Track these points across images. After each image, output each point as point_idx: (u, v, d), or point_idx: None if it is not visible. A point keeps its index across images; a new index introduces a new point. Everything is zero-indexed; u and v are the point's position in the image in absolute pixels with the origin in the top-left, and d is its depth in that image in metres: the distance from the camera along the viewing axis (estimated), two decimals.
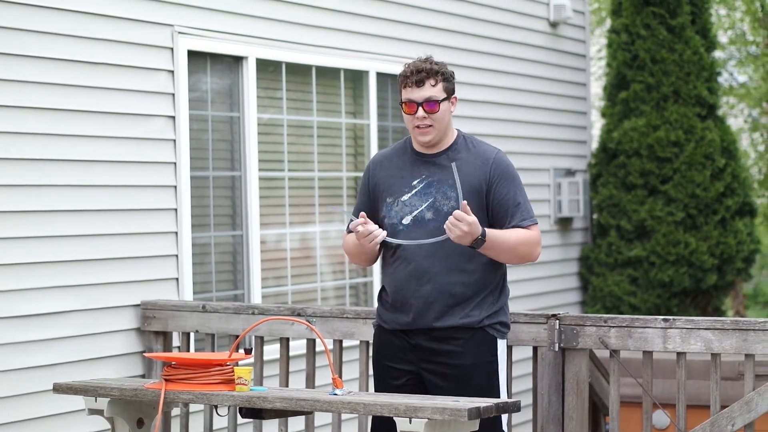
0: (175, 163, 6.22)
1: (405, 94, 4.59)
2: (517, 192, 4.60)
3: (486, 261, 4.57)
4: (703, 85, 9.96)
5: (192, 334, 6.00)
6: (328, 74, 7.34)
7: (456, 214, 4.35)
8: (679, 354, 4.87)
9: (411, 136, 4.70)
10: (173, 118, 6.22)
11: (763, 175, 16.19)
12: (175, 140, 6.22)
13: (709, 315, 9.96)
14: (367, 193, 4.74)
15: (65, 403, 5.49)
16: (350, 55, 7.41)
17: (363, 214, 4.53)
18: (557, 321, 5.05)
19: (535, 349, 5.12)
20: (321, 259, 7.27)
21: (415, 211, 4.58)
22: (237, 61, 6.65)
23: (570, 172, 9.84)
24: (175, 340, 6.09)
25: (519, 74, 9.17)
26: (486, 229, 4.44)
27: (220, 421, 5.96)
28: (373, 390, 4.74)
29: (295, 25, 6.99)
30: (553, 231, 9.65)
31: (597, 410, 5.90)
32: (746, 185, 10.19)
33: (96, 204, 5.81)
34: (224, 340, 6.13)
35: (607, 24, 13.29)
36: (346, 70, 7.44)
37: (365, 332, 5.38)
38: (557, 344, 5.05)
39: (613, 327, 4.95)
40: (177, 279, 6.21)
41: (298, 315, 5.51)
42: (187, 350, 5.96)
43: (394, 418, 4.12)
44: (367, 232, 4.48)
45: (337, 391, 4.33)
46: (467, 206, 4.37)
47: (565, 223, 9.81)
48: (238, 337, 5.24)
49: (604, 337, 4.96)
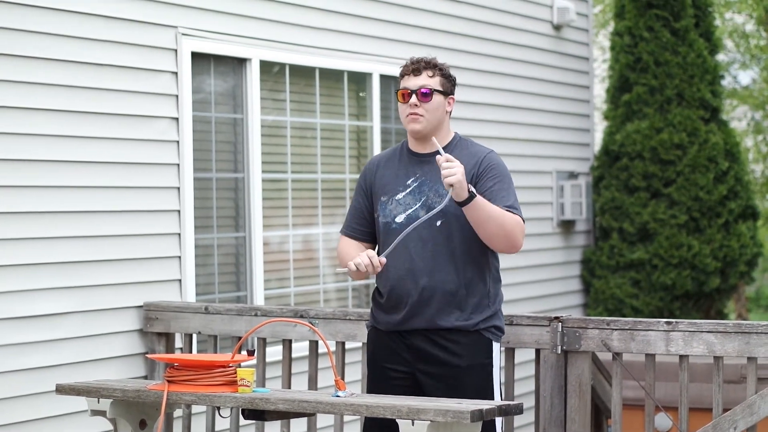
0: (179, 165, 6.22)
1: (402, 84, 4.61)
2: (504, 187, 4.54)
3: (478, 260, 4.55)
4: (707, 88, 9.95)
5: (195, 336, 6.00)
6: (332, 76, 7.34)
7: (446, 158, 4.32)
8: (681, 357, 4.87)
9: (407, 136, 4.69)
10: (177, 119, 6.22)
11: (766, 178, 16.18)
12: (178, 142, 6.22)
13: (712, 318, 9.95)
14: (364, 195, 4.74)
15: (68, 405, 5.49)
16: (353, 57, 7.41)
17: (377, 259, 4.47)
18: (560, 323, 5.05)
19: (538, 352, 5.12)
20: (324, 261, 7.27)
21: (409, 210, 4.57)
22: (240, 62, 6.65)
23: (573, 175, 9.83)
24: (178, 342, 6.09)
25: (522, 77, 9.17)
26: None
27: (223, 423, 5.96)
28: (367, 392, 4.73)
29: (299, 27, 7.00)
30: (556, 234, 9.65)
31: (599, 413, 5.90)
32: (749, 188, 10.18)
33: (99, 205, 5.81)
34: (227, 342, 6.13)
35: (611, 27, 13.28)
36: (350, 72, 7.44)
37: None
38: (560, 347, 5.04)
39: (616, 330, 4.95)
40: (180, 280, 6.22)
41: (301, 317, 5.51)
42: (190, 352, 5.96)
43: (397, 420, 4.12)
44: (370, 267, 4.45)
45: (340, 393, 4.33)
46: (450, 155, 4.35)
47: (567, 226, 9.80)
48: (240, 338, 5.25)
49: (607, 339, 4.96)
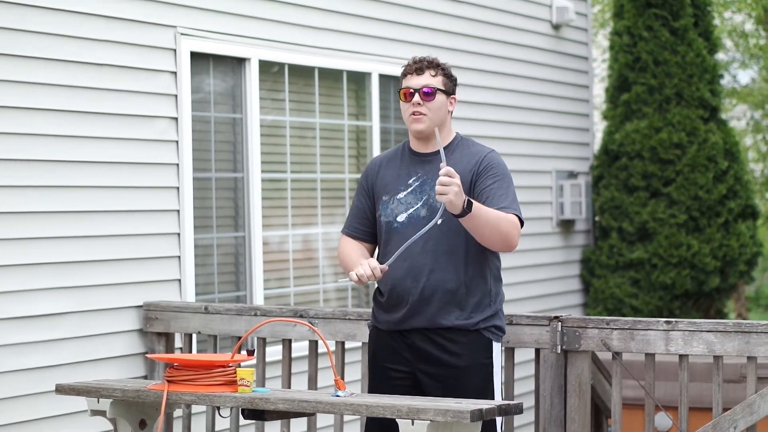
0: (178, 165, 6.22)
1: (404, 83, 4.60)
2: (503, 186, 4.53)
3: (479, 259, 4.55)
4: (706, 87, 9.95)
5: (194, 336, 6.00)
6: (331, 76, 7.34)
7: (446, 171, 4.28)
8: (681, 356, 4.87)
9: (408, 135, 4.69)
10: (176, 119, 6.22)
11: (766, 177, 16.18)
12: (177, 142, 6.22)
13: (712, 318, 9.95)
14: (365, 195, 4.74)
15: (68, 405, 5.49)
16: (353, 56, 7.41)
17: (378, 270, 4.46)
18: (559, 323, 5.04)
19: (538, 351, 5.12)
20: (323, 261, 7.27)
21: (411, 209, 4.57)
22: (240, 62, 6.65)
23: (572, 175, 9.83)
24: (178, 342, 6.09)
25: (521, 76, 9.17)
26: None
27: (223, 423, 5.96)
28: (368, 392, 4.73)
29: (298, 27, 6.99)
30: (555, 233, 9.65)
31: (599, 412, 5.89)
32: (749, 188, 10.18)
33: (98, 205, 5.80)
34: (226, 342, 6.13)
35: (610, 26, 13.28)
36: (349, 72, 7.44)
37: (367, 334, 5.37)
38: (559, 346, 5.04)
39: (616, 329, 4.95)
40: (179, 280, 6.21)
41: (301, 316, 5.51)
42: (190, 351, 5.96)
43: (397, 420, 4.12)
44: (372, 277, 4.44)
45: (339, 393, 4.33)
46: (451, 169, 4.31)
47: (567, 226, 9.80)
48: (240, 338, 5.24)
49: (607, 339, 4.96)
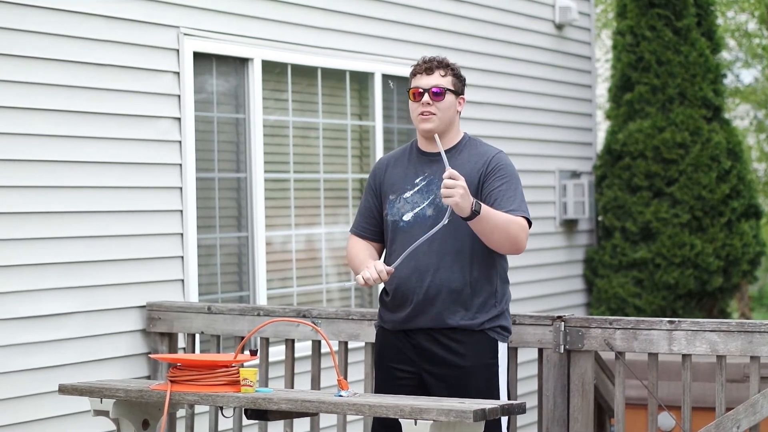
0: (181, 165, 6.22)
1: (413, 83, 4.60)
2: (511, 188, 4.52)
3: (485, 260, 4.55)
4: (709, 87, 9.95)
5: (197, 336, 6.00)
6: (334, 76, 7.34)
7: (450, 174, 4.27)
8: (684, 356, 4.87)
9: (416, 133, 4.69)
10: (179, 119, 6.22)
11: None
12: (180, 142, 6.22)
13: (715, 317, 9.95)
14: (373, 194, 4.74)
15: (71, 405, 5.49)
16: (356, 56, 7.41)
17: (384, 269, 4.46)
18: (563, 323, 5.04)
19: (541, 351, 5.12)
20: (326, 261, 7.27)
21: (417, 208, 4.57)
22: (243, 62, 6.65)
23: (575, 174, 9.83)
24: (181, 342, 6.09)
25: (524, 76, 9.17)
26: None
27: (226, 423, 5.96)
28: (374, 392, 4.73)
29: (301, 27, 7.00)
30: (558, 233, 9.64)
31: (602, 412, 5.89)
32: (752, 187, 10.18)
33: (101, 205, 5.81)
34: (229, 342, 6.13)
35: (613, 26, 13.28)
36: (352, 72, 7.44)
37: (370, 334, 5.37)
38: (562, 346, 5.04)
39: (619, 329, 4.95)
40: (182, 280, 6.22)
41: (304, 316, 5.51)
42: (193, 351, 5.96)
43: (399, 420, 4.12)
44: (378, 280, 4.44)
45: (343, 393, 4.33)
46: (455, 172, 4.30)
47: (570, 225, 9.80)
48: (243, 338, 5.24)
49: (610, 338, 4.96)
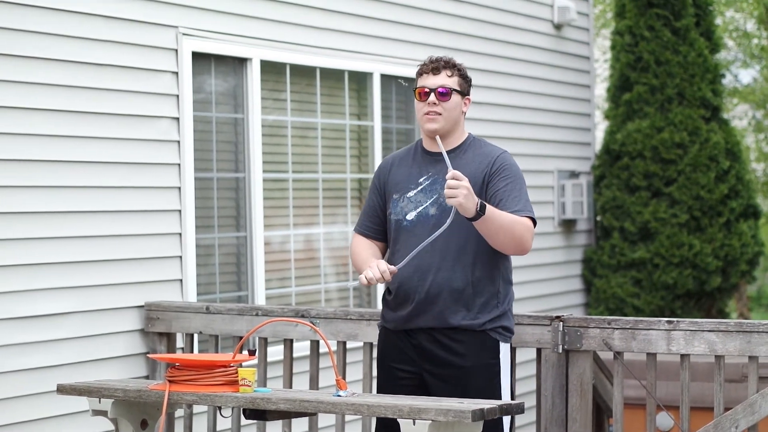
0: (179, 165, 6.22)
1: (420, 82, 4.59)
2: (516, 188, 4.52)
3: (488, 260, 4.54)
4: (708, 87, 9.95)
5: (196, 336, 6.00)
6: (333, 76, 7.34)
7: (453, 175, 4.26)
8: (682, 356, 4.87)
9: (421, 134, 4.69)
10: (177, 119, 6.22)
11: (767, 176, 16.17)
12: (179, 141, 6.22)
13: (713, 317, 9.95)
14: (377, 194, 4.74)
15: (69, 405, 5.49)
16: (354, 56, 7.41)
17: (388, 269, 4.46)
18: (561, 323, 5.04)
19: (539, 351, 5.12)
20: (325, 261, 7.27)
21: (420, 207, 4.57)
22: (241, 62, 6.65)
23: (574, 174, 9.83)
24: (179, 342, 6.09)
25: (523, 76, 9.17)
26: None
27: (224, 423, 5.96)
28: (376, 391, 4.74)
29: (300, 27, 6.99)
30: (557, 233, 9.64)
31: (600, 412, 5.89)
32: (750, 187, 10.18)
33: (100, 205, 5.81)
34: (228, 342, 6.13)
35: (611, 26, 13.29)
36: (351, 72, 7.44)
37: (369, 334, 5.37)
38: (561, 346, 5.04)
39: (617, 329, 4.95)
40: (181, 280, 6.22)
41: (302, 316, 5.51)
42: (191, 351, 5.96)
43: (398, 420, 4.12)
44: (381, 280, 4.45)
45: (341, 393, 4.33)
46: (458, 173, 4.29)
47: (568, 225, 9.80)
48: (241, 338, 5.24)
49: (608, 338, 4.96)
